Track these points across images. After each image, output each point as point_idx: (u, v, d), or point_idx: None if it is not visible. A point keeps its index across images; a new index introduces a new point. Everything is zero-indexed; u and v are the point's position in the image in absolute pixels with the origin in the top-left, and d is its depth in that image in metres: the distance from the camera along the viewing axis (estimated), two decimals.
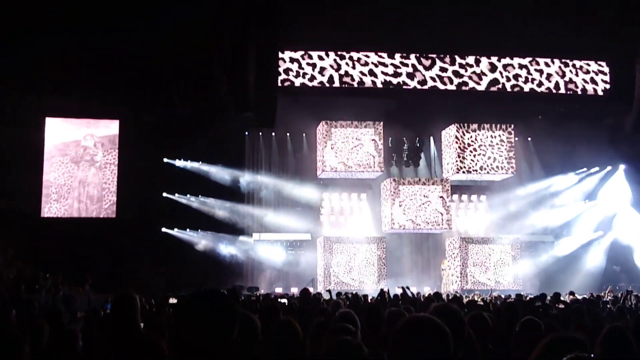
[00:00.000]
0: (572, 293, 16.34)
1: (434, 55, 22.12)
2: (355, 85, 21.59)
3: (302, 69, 21.39)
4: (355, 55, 21.68)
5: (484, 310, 7.17)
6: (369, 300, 12.21)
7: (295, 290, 19.78)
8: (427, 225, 22.91)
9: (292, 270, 23.07)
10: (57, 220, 21.73)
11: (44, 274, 18.69)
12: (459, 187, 24.62)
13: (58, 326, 5.12)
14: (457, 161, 23.13)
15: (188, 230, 22.64)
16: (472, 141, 23.36)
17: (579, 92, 22.80)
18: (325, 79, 21.42)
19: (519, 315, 5.73)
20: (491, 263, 23.38)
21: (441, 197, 23.05)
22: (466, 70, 22.31)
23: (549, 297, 12.37)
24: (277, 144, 24.42)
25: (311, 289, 14.20)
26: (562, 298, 13.50)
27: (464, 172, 23.25)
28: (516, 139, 23.98)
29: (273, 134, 24.12)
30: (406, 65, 21.96)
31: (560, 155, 24.10)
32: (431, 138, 25.02)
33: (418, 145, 24.44)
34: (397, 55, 21.96)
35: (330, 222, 24.02)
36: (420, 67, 22.01)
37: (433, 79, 22.00)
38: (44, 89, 20.80)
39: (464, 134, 23.35)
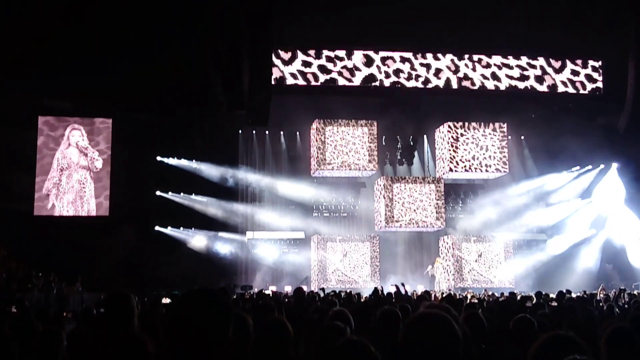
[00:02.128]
0: (568, 292, 16.28)
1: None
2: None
3: (299, 67, 21.35)
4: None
5: (477, 309, 7.17)
6: (363, 299, 12.22)
7: (289, 289, 19.76)
8: (420, 224, 22.92)
9: (286, 269, 23.05)
10: (50, 219, 21.62)
11: (36, 272, 18.63)
12: (453, 185, 24.65)
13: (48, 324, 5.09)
14: (450, 160, 23.14)
15: (182, 228, 22.56)
16: (465, 140, 23.37)
17: (572, 91, 22.83)
18: (318, 78, 21.39)
19: (512, 314, 5.74)
20: (484, 261, 23.41)
21: (435, 195, 23.05)
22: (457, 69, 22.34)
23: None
24: (270, 143, 24.36)
25: (305, 287, 14.19)
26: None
27: (457, 170, 23.25)
28: (509, 137, 24.00)
29: (267, 132, 24.06)
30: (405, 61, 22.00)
31: (553, 154, 24.13)
32: (425, 137, 25.00)
33: (412, 143, 24.40)
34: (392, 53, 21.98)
35: (324, 220, 24.02)
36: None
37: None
38: (37, 87, 20.70)
39: (457, 133, 23.36)
